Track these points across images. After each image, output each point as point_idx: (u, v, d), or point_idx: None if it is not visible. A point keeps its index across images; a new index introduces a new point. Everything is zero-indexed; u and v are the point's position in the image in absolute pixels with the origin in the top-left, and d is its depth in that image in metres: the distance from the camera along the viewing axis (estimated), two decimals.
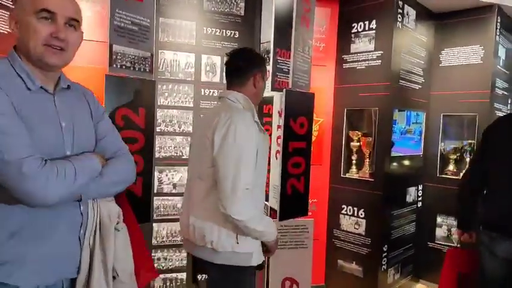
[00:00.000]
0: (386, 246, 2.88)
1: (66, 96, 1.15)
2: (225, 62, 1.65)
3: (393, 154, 2.93)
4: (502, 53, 3.26)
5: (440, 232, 3.29)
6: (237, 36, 2.71)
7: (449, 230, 3.24)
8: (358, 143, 3.00)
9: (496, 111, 3.27)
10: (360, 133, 3.00)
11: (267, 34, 2.58)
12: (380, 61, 2.81)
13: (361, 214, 2.92)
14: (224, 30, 2.69)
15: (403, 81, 2.94)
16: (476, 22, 3.07)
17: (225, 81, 1.68)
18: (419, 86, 3.16)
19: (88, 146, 1.17)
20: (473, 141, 3.16)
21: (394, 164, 2.97)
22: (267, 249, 1.61)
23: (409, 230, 3.22)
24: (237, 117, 1.46)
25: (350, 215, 2.99)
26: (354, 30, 2.95)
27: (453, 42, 3.20)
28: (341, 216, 3.05)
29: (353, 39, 2.96)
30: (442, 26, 3.25)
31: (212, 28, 2.67)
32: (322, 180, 3.08)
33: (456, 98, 3.17)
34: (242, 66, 1.59)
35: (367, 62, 2.88)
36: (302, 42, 2.18)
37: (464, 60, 3.15)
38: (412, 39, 3.01)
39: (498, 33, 3.07)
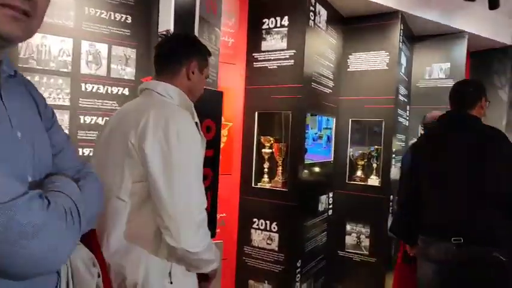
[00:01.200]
0: (300, 261, 2.66)
1: (12, 89, 0.73)
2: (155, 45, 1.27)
3: (306, 161, 2.75)
4: (403, 60, 3.36)
5: (349, 240, 3.23)
6: (129, 21, 2.22)
7: (358, 238, 3.20)
8: (271, 150, 2.75)
9: (399, 117, 3.34)
10: (272, 139, 2.75)
11: (166, 22, 2.16)
12: (293, 61, 2.60)
13: (274, 228, 2.67)
14: (112, 13, 2.17)
15: (316, 84, 2.78)
16: (382, 28, 3.09)
17: (113, 75, 1.22)
18: (330, 90, 3.05)
19: (49, 165, 0.79)
20: (379, 146, 3.17)
21: (307, 171, 2.79)
22: (204, 279, 1.24)
23: (321, 240, 3.09)
24: (175, 115, 1.09)
25: (262, 230, 2.71)
26: (265, 26, 2.70)
27: (360, 47, 3.18)
28: (252, 231, 2.75)
29: (264, 35, 2.70)
30: (351, 30, 3.21)
31: (97, 9, 2.13)
32: (232, 192, 2.75)
33: (363, 103, 3.15)
34: (173, 50, 1.24)
35: (279, 61, 2.65)
36: (208, 30, 1.82)
37: (370, 66, 3.14)
38: (324, 40, 2.88)
39: (401, 40, 3.13)
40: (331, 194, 3.24)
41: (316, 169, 2.98)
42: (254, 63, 2.75)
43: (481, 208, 1.59)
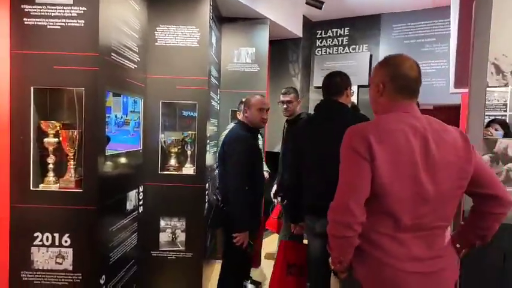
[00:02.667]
0: (103, 277, 2.13)
1: None
2: None
3: (109, 152, 2.20)
4: (214, 40, 3.18)
5: (164, 237, 2.88)
6: None
7: (173, 233, 2.88)
8: (56, 139, 2.06)
9: (212, 101, 3.17)
10: (58, 124, 2.07)
11: None
12: (83, 21, 1.98)
13: (66, 241, 2.02)
14: None
15: (117, 56, 2.24)
16: (191, 2, 2.79)
17: None
18: (136, 66, 2.56)
19: None
20: (193, 132, 2.91)
21: (111, 164, 2.24)
22: None
23: (131, 243, 2.61)
24: None
25: (48, 246, 2.02)
26: None
27: (168, 19, 2.80)
28: (34, 249, 2.02)
29: None
30: None
31: None
32: None
33: (175, 83, 2.81)
34: None
35: (63, 20, 1.98)
36: None
37: (181, 42, 2.81)
38: (125, 4, 2.35)
39: (211, 17, 2.92)
40: (141, 188, 2.78)
41: (123, 160, 2.46)
42: (25, 18, 1.97)
43: None
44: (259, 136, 2.85)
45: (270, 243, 4.12)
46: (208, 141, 3.01)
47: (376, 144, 1.22)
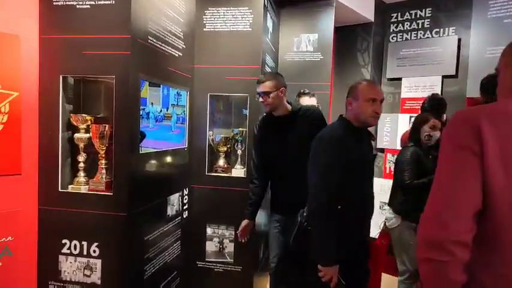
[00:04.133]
0: None
1: None
2: None
3: (144, 150, 1.92)
4: (270, 24, 2.80)
5: (211, 246, 2.56)
6: None
7: (221, 243, 2.55)
8: (87, 135, 1.83)
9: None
10: (89, 117, 1.83)
11: None
12: (113, 0, 1.72)
13: (95, 251, 1.78)
14: None
15: (155, 41, 1.95)
16: None
17: None
18: (180, 54, 2.27)
19: None
20: (244, 129, 2.55)
21: (147, 164, 1.97)
22: None
23: (174, 252, 2.33)
24: None
25: (76, 255, 1.79)
26: None
27: (218, 1, 2.47)
28: (61, 258, 1.81)
29: None
30: None
31: None
32: (23, 202, 1.74)
33: (224, 73, 2.47)
34: None
35: None
36: None
37: (231, 26, 2.47)
38: None
39: None
40: (186, 191, 2.49)
41: (163, 160, 2.18)
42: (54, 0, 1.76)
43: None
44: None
45: None
46: None
47: (488, 133, 0.77)
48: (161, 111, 2.13)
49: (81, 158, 1.84)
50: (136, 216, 1.83)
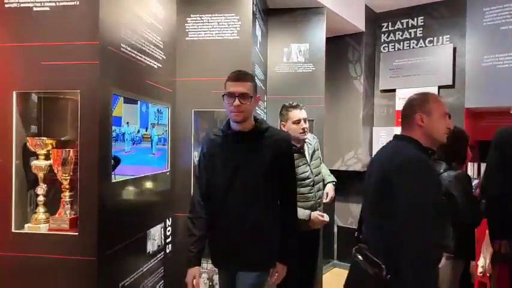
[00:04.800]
0: None
1: None
2: None
3: (118, 178, 1.62)
4: (259, 33, 2.56)
5: (200, 284, 2.23)
6: None
7: (210, 280, 2.23)
8: (48, 162, 1.51)
9: (256, 108, 2.52)
10: (50, 141, 1.52)
11: None
12: (77, 1, 1.44)
13: None
14: None
15: (131, 50, 1.68)
16: None
17: None
18: (160, 65, 2.00)
19: None
20: None
21: (122, 194, 1.66)
22: None
23: None
24: None
25: None
26: None
27: (202, 7, 2.23)
28: None
29: None
30: None
31: None
32: None
33: (209, 86, 2.20)
34: None
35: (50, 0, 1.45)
36: None
37: (217, 34, 2.22)
38: None
39: (255, 3, 2.31)
40: (169, 222, 2.18)
41: (142, 188, 1.88)
42: (6, 0, 1.47)
43: None
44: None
45: None
46: None
47: None
48: (139, 131, 1.83)
49: (40, 190, 1.52)
50: (109, 259, 1.51)
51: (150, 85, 1.91)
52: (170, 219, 2.19)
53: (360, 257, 1.38)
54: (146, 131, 1.91)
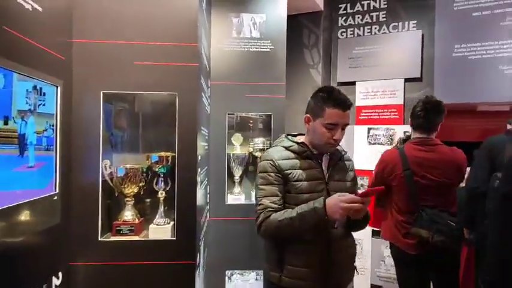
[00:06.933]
0: None
1: None
2: None
3: None
4: None
5: None
6: None
7: None
8: None
9: (202, 95, 1.74)
10: None
11: None
12: None
13: None
14: None
15: None
16: None
17: None
18: (40, 9, 1.12)
19: None
20: (171, 153, 1.47)
21: None
22: None
23: None
24: None
25: None
26: None
27: None
28: None
29: None
30: None
31: None
32: None
33: (128, 56, 1.38)
34: None
35: None
36: None
37: None
38: None
39: None
40: (59, 276, 1.30)
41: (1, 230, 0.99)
42: None
43: None
44: None
45: None
46: (199, 170, 1.58)
47: None
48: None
49: None
50: None
51: (19, 40, 1.03)
52: (61, 272, 1.31)
53: None
54: (7, 124, 1.03)
